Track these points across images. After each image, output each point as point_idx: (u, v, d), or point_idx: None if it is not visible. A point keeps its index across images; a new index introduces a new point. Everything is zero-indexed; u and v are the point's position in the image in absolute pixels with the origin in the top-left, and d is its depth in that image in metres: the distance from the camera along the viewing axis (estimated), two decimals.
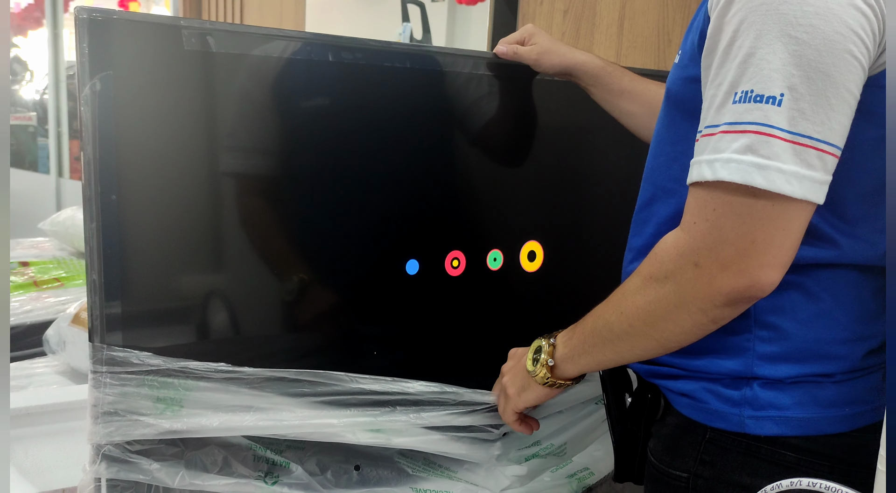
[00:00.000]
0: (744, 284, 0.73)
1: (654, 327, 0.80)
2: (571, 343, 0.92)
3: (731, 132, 0.71)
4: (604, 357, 0.89)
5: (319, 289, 1.09)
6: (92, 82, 0.87)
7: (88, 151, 0.88)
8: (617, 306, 0.84)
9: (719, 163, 0.71)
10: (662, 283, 0.78)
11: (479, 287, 1.21)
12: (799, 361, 0.83)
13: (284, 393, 0.99)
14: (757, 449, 0.83)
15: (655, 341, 0.82)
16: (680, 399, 0.89)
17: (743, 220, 0.71)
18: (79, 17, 0.86)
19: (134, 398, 0.92)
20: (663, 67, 1.79)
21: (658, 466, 0.91)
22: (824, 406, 0.83)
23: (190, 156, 0.96)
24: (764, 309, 0.83)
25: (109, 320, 0.92)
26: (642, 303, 0.80)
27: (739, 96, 0.70)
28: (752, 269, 0.72)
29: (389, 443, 1.05)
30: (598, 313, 0.88)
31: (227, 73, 0.96)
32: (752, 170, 0.69)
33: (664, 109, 0.90)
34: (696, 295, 0.75)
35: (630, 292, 0.82)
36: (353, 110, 1.06)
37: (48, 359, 1.66)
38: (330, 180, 1.06)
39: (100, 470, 0.93)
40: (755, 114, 0.69)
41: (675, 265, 0.76)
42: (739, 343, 0.84)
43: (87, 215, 0.90)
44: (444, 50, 1.15)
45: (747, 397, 0.83)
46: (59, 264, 2.45)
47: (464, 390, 1.08)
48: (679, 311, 0.77)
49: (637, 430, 0.96)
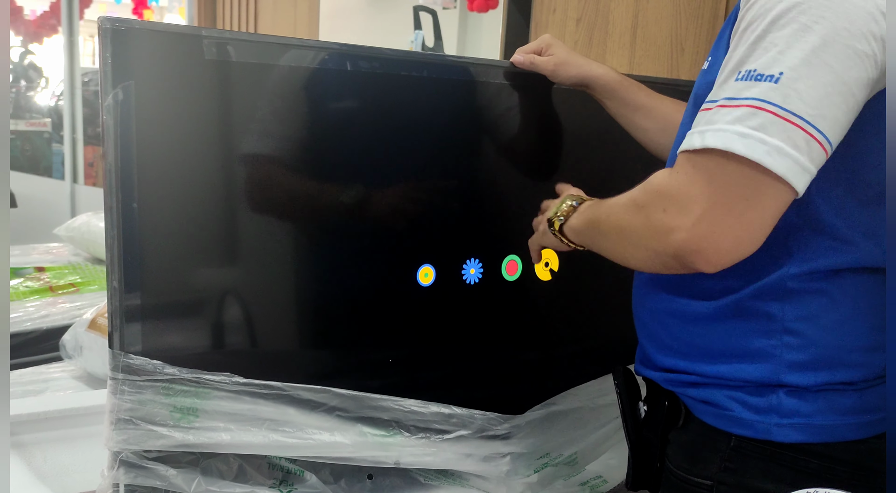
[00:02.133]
0: (693, 248, 0.75)
1: (621, 243, 0.87)
2: (580, 217, 0.98)
3: (728, 106, 0.74)
4: (593, 244, 0.95)
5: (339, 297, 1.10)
6: (114, 91, 0.88)
7: (110, 159, 0.89)
8: (609, 209, 0.90)
9: (710, 132, 0.75)
10: (637, 211, 0.82)
11: (494, 297, 1.21)
12: (824, 369, 0.84)
13: (296, 405, 1.00)
14: (781, 456, 0.84)
15: (621, 255, 0.88)
16: (702, 407, 0.89)
17: (716, 186, 0.74)
18: (102, 26, 0.87)
19: (150, 406, 0.93)
20: (676, 76, 1.79)
21: (678, 473, 0.92)
22: (846, 413, 0.84)
23: (210, 165, 0.97)
24: (792, 316, 0.83)
25: (129, 327, 0.93)
26: (620, 219, 0.86)
27: (742, 74, 0.74)
28: (709, 238, 0.74)
29: (399, 461, 1.06)
30: (603, 206, 0.93)
31: (246, 82, 0.97)
32: (735, 137, 0.72)
33: (690, 113, 0.90)
34: (652, 236, 0.79)
35: (619, 205, 0.87)
36: (370, 119, 1.07)
37: (64, 364, 1.67)
38: (348, 188, 1.07)
39: (118, 476, 0.94)
40: (753, 90, 0.73)
41: (650, 202, 0.80)
42: (766, 350, 0.85)
43: (109, 223, 0.91)
44: (461, 59, 1.16)
45: (773, 405, 0.84)
46: (75, 270, 2.47)
47: (477, 414, 1.09)
48: (638, 241, 0.82)
49: (654, 438, 0.97)
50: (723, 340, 0.87)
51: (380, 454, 1.05)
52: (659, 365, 0.95)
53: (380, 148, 1.08)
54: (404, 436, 1.07)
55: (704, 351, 0.89)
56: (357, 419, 1.04)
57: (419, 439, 1.07)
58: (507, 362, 1.24)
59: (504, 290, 1.22)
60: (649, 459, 0.97)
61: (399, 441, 1.06)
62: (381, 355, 1.13)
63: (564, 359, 1.31)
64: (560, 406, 1.19)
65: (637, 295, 1.01)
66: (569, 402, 1.21)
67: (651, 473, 0.98)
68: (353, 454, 1.03)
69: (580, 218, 0.98)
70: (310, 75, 1.01)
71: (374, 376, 1.11)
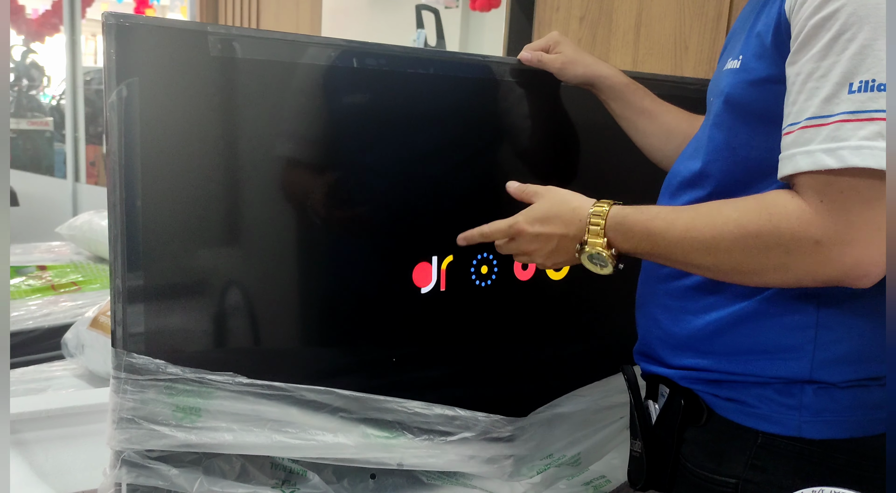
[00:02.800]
0: (852, 264, 0.74)
1: (736, 277, 0.82)
2: (633, 249, 0.89)
3: (854, 120, 0.72)
4: (662, 262, 0.89)
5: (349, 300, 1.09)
6: (118, 88, 0.87)
7: (114, 156, 0.89)
8: (705, 247, 0.82)
9: (847, 150, 0.72)
10: (771, 248, 0.77)
11: (507, 297, 1.21)
12: (853, 364, 0.84)
13: (299, 406, 1.00)
14: (810, 453, 0.84)
15: (732, 280, 0.84)
16: (726, 405, 0.89)
17: (871, 204, 0.72)
18: (106, 23, 0.86)
19: (153, 405, 0.92)
20: (680, 74, 1.78)
21: (698, 472, 0.91)
22: (871, 408, 0.84)
23: (215, 163, 0.96)
24: (827, 312, 0.84)
25: (132, 326, 0.92)
26: (738, 257, 0.80)
27: (859, 86, 0.72)
28: (868, 253, 0.73)
29: (402, 463, 1.06)
30: (674, 241, 0.84)
31: (252, 79, 0.97)
32: (882, 154, 0.70)
33: (721, 114, 0.90)
34: (808, 270, 0.76)
35: (726, 243, 0.80)
36: (376, 116, 1.07)
37: (66, 362, 1.66)
38: (354, 184, 1.07)
39: (120, 475, 0.93)
40: (881, 102, 0.71)
41: (794, 237, 0.75)
42: (799, 346, 0.85)
43: (112, 221, 0.90)
44: (468, 56, 1.15)
45: (803, 402, 0.85)
46: (77, 268, 2.47)
47: (481, 416, 1.09)
48: (781, 274, 0.78)
49: (668, 437, 0.96)
50: (754, 337, 0.87)
51: (383, 455, 1.04)
52: (675, 364, 0.95)
53: (387, 144, 1.08)
54: (408, 438, 1.06)
55: (732, 349, 0.89)
56: (361, 420, 1.04)
57: (423, 440, 1.07)
58: (511, 363, 1.24)
59: (511, 291, 1.22)
60: (663, 458, 0.97)
61: (402, 443, 1.05)
62: (385, 355, 1.12)
63: (567, 361, 1.31)
64: (563, 408, 1.19)
65: (648, 294, 1.00)
66: (572, 404, 1.20)
67: (664, 472, 0.97)
68: (357, 456, 1.02)
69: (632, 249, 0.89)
70: (315, 72, 1.01)
71: (378, 376, 1.10)
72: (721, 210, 0.82)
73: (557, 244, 0.94)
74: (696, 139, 0.98)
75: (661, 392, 0.98)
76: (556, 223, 0.94)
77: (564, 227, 0.93)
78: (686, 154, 0.99)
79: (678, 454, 0.95)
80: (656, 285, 0.98)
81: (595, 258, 0.91)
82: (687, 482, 0.93)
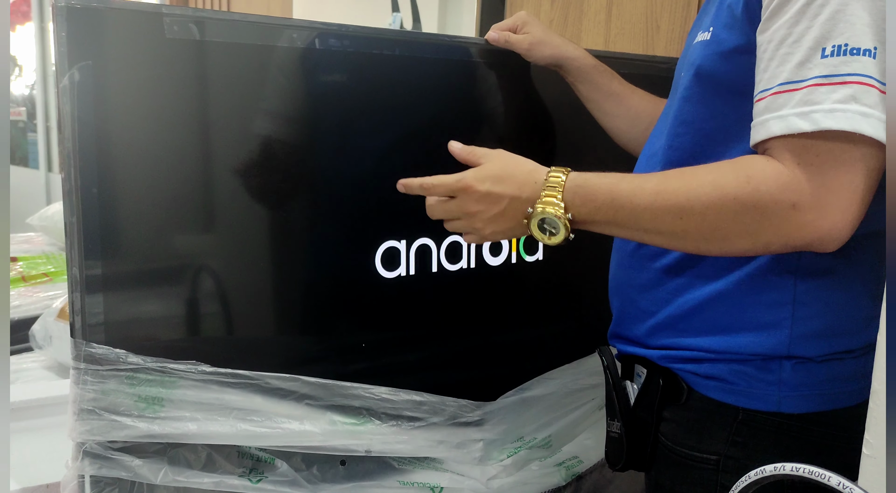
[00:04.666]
0: (828, 228, 0.73)
1: (702, 244, 0.80)
2: (591, 216, 0.84)
3: (827, 84, 0.72)
4: (619, 233, 0.85)
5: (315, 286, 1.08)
6: (70, 72, 0.85)
7: (68, 143, 0.87)
8: (678, 210, 0.78)
9: (820, 113, 0.72)
10: (748, 211, 0.75)
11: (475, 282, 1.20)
12: (829, 338, 0.85)
13: (265, 394, 0.98)
14: (788, 427, 0.86)
15: (695, 248, 0.82)
16: (706, 382, 0.89)
17: (846, 168, 0.72)
18: (57, 4, 0.84)
19: (114, 396, 0.91)
20: (652, 53, 1.77)
21: (678, 450, 0.91)
22: (845, 381, 0.86)
23: (173, 148, 0.94)
24: (804, 287, 0.84)
25: (90, 316, 0.90)
26: (711, 221, 0.77)
27: (832, 50, 0.72)
28: (844, 218, 0.73)
29: (370, 449, 1.05)
30: (643, 205, 0.80)
31: (210, 61, 0.95)
32: (859, 118, 0.71)
33: (691, 88, 0.89)
34: (780, 234, 0.75)
35: (700, 205, 0.77)
36: (343, 99, 1.05)
37: (35, 354, 1.64)
38: (322, 171, 1.05)
39: (82, 467, 0.92)
40: (854, 65, 0.71)
41: (773, 199, 0.74)
42: (777, 322, 0.85)
43: (68, 209, 0.89)
44: (434, 36, 1.14)
45: (782, 377, 0.85)
46: (49, 260, 2.43)
47: (449, 401, 1.08)
48: (751, 239, 0.77)
49: (648, 416, 0.95)
50: (732, 315, 0.87)
51: (351, 442, 1.03)
52: (652, 344, 0.94)
53: (352, 127, 1.06)
54: (375, 424, 1.05)
55: (710, 327, 0.89)
56: (327, 407, 1.03)
57: (391, 426, 1.06)
58: (479, 348, 1.23)
59: (480, 275, 1.21)
60: (643, 438, 0.96)
61: (370, 429, 1.05)
62: (353, 342, 1.11)
63: (536, 344, 1.30)
64: (533, 392, 1.18)
65: (623, 275, 0.99)
66: (542, 387, 1.20)
67: (644, 452, 0.97)
68: (324, 443, 1.02)
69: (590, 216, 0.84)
70: (276, 54, 0.99)
71: (347, 362, 1.09)
72: (695, 173, 0.80)
73: (506, 207, 0.87)
74: (663, 115, 0.97)
75: (637, 372, 0.98)
76: (508, 184, 0.87)
77: (518, 188, 0.86)
78: (654, 133, 0.99)
79: (657, 434, 0.95)
80: (630, 266, 0.97)
81: (547, 223, 0.84)
82: (667, 461, 0.93)
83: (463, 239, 0.96)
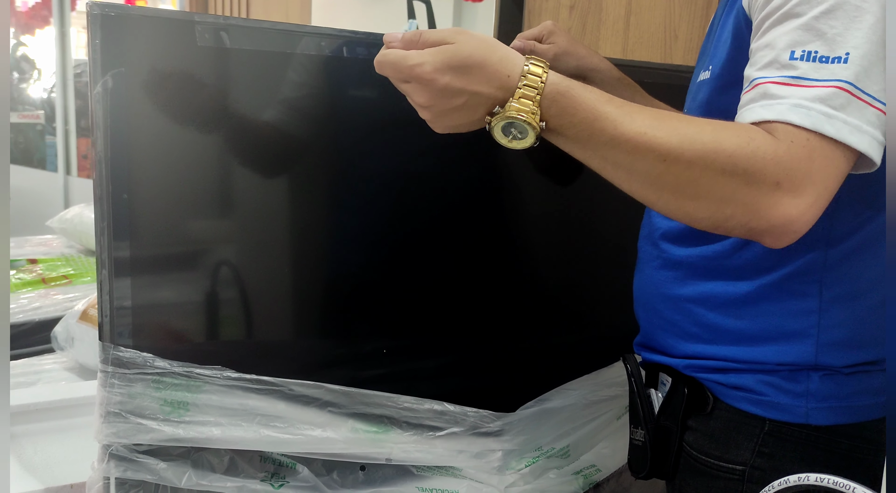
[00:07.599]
0: (796, 215, 0.70)
1: (670, 199, 0.74)
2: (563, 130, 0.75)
3: (802, 86, 0.71)
4: (584, 156, 0.76)
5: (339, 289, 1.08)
6: (104, 79, 0.87)
7: (100, 148, 0.88)
8: (664, 152, 0.71)
9: (785, 106, 0.71)
10: (736, 174, 0.70)
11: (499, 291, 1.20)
12: (855, 348, 0.85)
13: (288, 400, 0.99)
14: (816, 439, 0.85)
15: (654, 198, 0.75)
16: (732, 393, 0.89)
17: (833, 168, 0.71)
18: (91, 12, 0.86)
19: (141, 399, 0.92)
20: (669, 62, 1.78)
21: (704, 460, 0.91)
22: (873, 394, 0.86)
23: (204, 155, 0.96)
24: (830, 295, 0.84)
25: (118, 319, 0.92)
26: (693, 174, 0.71)
27: (801, 55, 0.71)
28: (811, 211, 0.70)
29: (391, 457, 1.06)
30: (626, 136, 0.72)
31: (240, 69, 0.96)
32: (822, 118, 0.70)
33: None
34: (749, 210, 0.71)
35: (689, 154, 0.71)
36: (367, 105, 1.06)
37: (56, 356, 1.66)
38: (346, 174, 1.06)
39: (108, 469, 0.93)
40: (822, 72, 0.70)
41: (763, 169, 0.70)
42: (803, 331, 0.85)
43: (98, 214, 0.90)
44: None
45: (809, 389, 0.85)
46: (68, 262, 2.46)
47: (470, 411, 1.09)
48: (716, 206, 0.72)
49: (673, 425, 0.95)
50: (758, 323, 0.87)
51: (372, 450, 1.04)
52: (678, 353, 0.94)
53: (377, 132, 1.07)
54: (396, 432, 1.06)
55: (736, 336, 0.89)
56: (349, 414, 1.03)
57: (411, 435, 1.06)
58: (501, 358, 1.23)
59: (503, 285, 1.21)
60: (667, 446, 0.96)
61: (391, 438, 1.05)
62: (376, 347, 1.12)
63: (557, 355, 1.30)
64: (552, 403, 1.19)
65: (648, 284, 0.99)
66: (561, 398, 1.20)
67: (668, 460, 0.96)
68: (345, 450, 1.02)
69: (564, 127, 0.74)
70: (305, 62, 1.00)
71: (368, 368, 1.10)
72: (694, 120, 0.74)
73: (466, 102, 0.74)
74: None
75: (661, 380, 0.98)
76: (474, 75, 0.73)
77: (485, 82, 0.73)
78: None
79: (682, 442, 0.95)
80: (656, 277, 0.98)
81: (515, 128, 0.74)
82: (691, 470, 0.93)
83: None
